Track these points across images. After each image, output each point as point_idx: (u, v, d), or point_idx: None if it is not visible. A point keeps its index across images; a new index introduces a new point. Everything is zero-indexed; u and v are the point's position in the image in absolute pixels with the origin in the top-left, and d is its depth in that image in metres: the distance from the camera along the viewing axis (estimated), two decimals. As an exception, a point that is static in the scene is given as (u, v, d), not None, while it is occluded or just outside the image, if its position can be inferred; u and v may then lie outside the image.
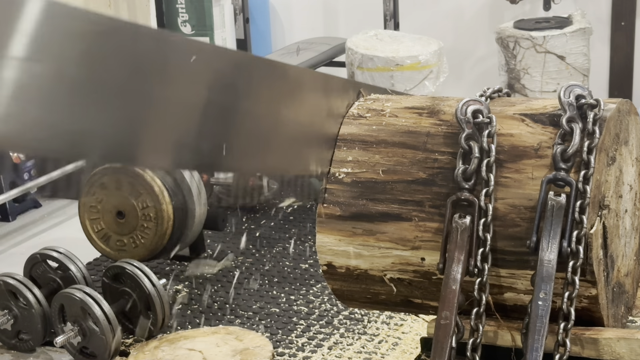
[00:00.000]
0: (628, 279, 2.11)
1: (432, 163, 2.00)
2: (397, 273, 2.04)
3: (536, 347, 1.85)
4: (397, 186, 2.01)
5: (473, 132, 1.95)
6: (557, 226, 1.87)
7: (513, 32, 4.39)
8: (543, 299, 1.86)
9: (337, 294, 2.16)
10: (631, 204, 2.08)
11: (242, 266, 3.64)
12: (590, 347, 1.91)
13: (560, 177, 1.88)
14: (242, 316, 3.26)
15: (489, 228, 1.92)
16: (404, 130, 2.05)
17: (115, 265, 3.09)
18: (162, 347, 2.92)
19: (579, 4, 4.83)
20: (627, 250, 2.08)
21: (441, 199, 1.97)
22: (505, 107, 2.02)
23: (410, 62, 4.08)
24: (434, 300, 2.02)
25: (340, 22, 5.36)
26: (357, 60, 4.14)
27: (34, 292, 3.03)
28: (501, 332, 1.97)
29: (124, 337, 3.08)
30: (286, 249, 3.77)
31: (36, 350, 3.10)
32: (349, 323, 3.16)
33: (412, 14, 5.04)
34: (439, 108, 2.06)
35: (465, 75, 5.17)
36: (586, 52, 4.39)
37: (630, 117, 2.05)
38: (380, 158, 2.04)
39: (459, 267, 1.92)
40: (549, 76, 4.35)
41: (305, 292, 3.40)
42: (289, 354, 3.01)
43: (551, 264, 1.86)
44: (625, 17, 4.83)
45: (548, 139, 1.93)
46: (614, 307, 2.02)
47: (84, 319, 2.91)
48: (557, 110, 1.96)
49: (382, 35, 4.35)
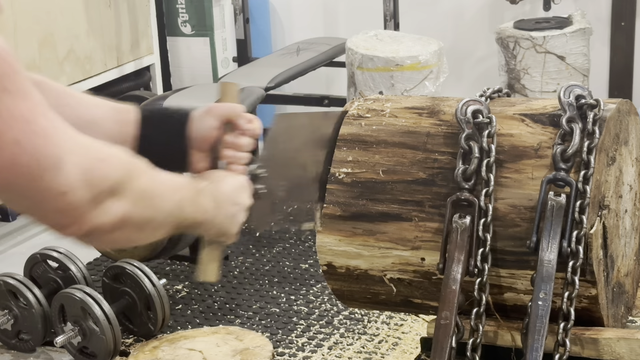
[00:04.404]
0: (628, 279, 2.11)
1: (432, 163, 2.00)
2: (397, 273, 2.04)
3: (536, 347, 1.85)
4: (397, 186, 2.01)
5: (473, 132, 1.95)
6: (557, 226, 1.87)
7: (513, 32, 4.39)
8: (543, 299, 1.86)
9: (337, 294, 2.16)
10: (631, 204, 2.08)
11: (242, 266, 3.65)
12: (590, 347, 1.91)
13: (560, 177, 1.88)
14: (242, 316, 3.26)
15: (489, 228, 1.92)
16: (404, 131, 2.05)
17: (115, 265, 3.09)
18: (162, 347, 2.92)
19: (579, 4, 4.83)
20: (627, 250, 2.08)
21: (441, 199, 1.97)
22: (505, 107, 2.02)
23: (410, 62, 4.08)
24: (434, 300, 2.02)
25: (340, 22, 5.36)
26: (357, 60, 4.14)
27: (34, 292, 3.03)
28: (501, 332, 1.97)
29: (124, 337, 3.08)
30: (286, 249, 3.77)
31: (36, 350, 3.10)
32: (349, 323, 3.16)
33: (412, 14, 5.04)
34: (439, 108, 2.06)
35: (465, 75, 5.17)
36: (586, 52, 4.39)
37: (630, 117, 2.05)
38: (380, 158, 2.04)
39: (459, 267, 1.92)
40: (549, 76, 4.35)
41: (305, 292, 3.40)
42: (289, 354, 3.01)
43: (551, 264, 1.86)
44: (625, 17, 4.82)
45: (548, 139, 1.93)
46: (614, 307, 2.02)
47: (84, 319, 2.91)
48: (557, 110, 1.96)
49: (382, 36, 4.35)
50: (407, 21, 4.86)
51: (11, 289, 3.05)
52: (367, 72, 4.12)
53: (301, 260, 3.66)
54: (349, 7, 5.32)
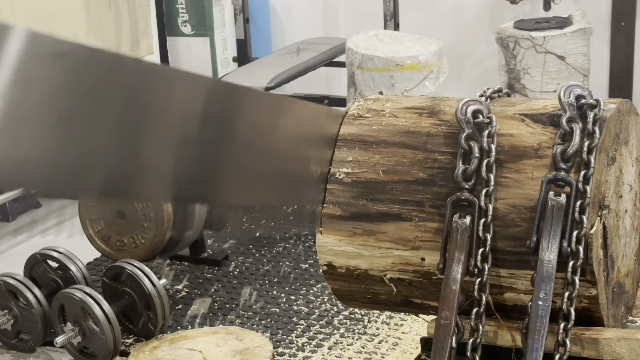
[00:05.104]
0: (628, 279, 2.11)
1: (432, 163, 2.00)
2: (397, 273, 2.04)
3: (536, 347, 1.85)
4: (397, 186, 2.01)
5: (473, 132, 1.95)
6: (557, 226, 1.87)
7: (513, 32, 4.39)
8: (543, 299, 1.86)
9: (337, 294, 2.16)
10: (631, 204, 2.08)
11: (242, 266, 3.65)
12: (590, 347, 1.91)
13: (560, 177, 1.88)
14: (242, 316, 3.26)
15: (489, 228, 1.92)
16: (404, 131, 2.05)
17: (115, 265, 3.09)
18: (162, 347, 2.92)
19: (579, 4, 4.83)
20: (627, 250, 2.08)
21: (441, 199, 1.97)
22: (505, 107, 2.02)
23: (410, 62, 4.08)
24: (434, 300, 2.02)
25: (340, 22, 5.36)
26: (357, 60, 4.14)
27: (34, 292, 3.03)
28: (501, 332, 1.97)
29: (124, 337, 3.08)
30: (286, 249, 3.77)
31: (36, 350, 3.10)
32: (349, 323, 3.16)
33: (412, 14, 5.04)
34: (439, 108, 2.06)
35: (465, 75, 5.17)
36: (586, 52, 4.39)
37: (630, 117, 2.05)
38: (380, 158, 2.04)
39: (459, 267, 1.92)
40: (549, 76, 4.35)
41: (305, 292, 3.40)
42: (289, 354, 3.01)
43: (551, 264, 1.86)
44: (625, 17, 4.83)
45: (548, 139, 1.93)
46: (614, 307, 2.02)
47: (84, 319, 2.91)
48: (557, 110, 1.96)
49: (382, 36, 4.35)
50: (407, 21, 4.86)
51: (11, 289, 3.05)
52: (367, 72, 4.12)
53: (301, 260, 3.67)
54: (349, 7, 5.32)
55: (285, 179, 2.02)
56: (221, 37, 5.17)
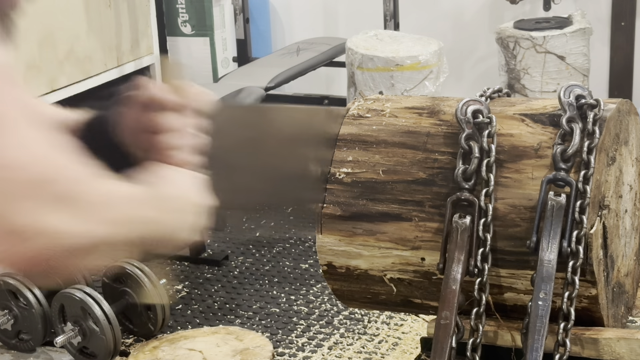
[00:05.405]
0: (628, 279, 2.11)
1: (432, 163, 2.00)
2: (397, 273, 2.04)
3: (536, 347, 1.85)
4: (397, 186, 2.01)
5: (473, 132, 1.95)
6: (557, 226, 1.87)
7: (513, 32, 4.39)
8: (543, 299, 1.86)
9: (337, 294, 2.16)
10: (631, 204, 2.08)
11: (242, 266, 3.64)
12: (590, 347, 1.91)
13: (560, 177, 1.88)
14: (242, 316, 3.26)
15: (489, 228, 1.92)
16: (404, 130, 2.05)
17: (115, 265, 3.09)
18: (162, 347, 2.92)
19: (579, 4, 4.83)
20: (627, 250, 2.08)
21: (441, 199, 1.97)
22: (505, 107, 2.02)
23: (410, 62, 4.08)
24: (434, 300, 2.02)
25: (340, 22, 5.36)
26: (357, 60, 4.14)
27: (34, 292, 3.03)
28: (501, 332, 1.97)
29: (124, 337, 3.08)
30: (286, 249, 3.77)
31: (36, 350, 3.10)
32: (349, 323, 3.16)
33: (412, 14, 5.04)
34: (439, 108, 2.06)
35: (465, 75, 5.17)
36: (586, 52, 4.39)
37: (630, 117, 2.05)
38: (380, 158, 2.04)
39: (459, 267, 1.92)
40: (549, 76, 4.35)
41: (305, 292, 3.40)
42: (289, 354, 3.01)
43: (551, 264, 1.86)
44: (625, 17, 4.83)
45: (548, 139, 1.93)
46: (614, 307, 2.02)
47: (84, 319, 2.91)
48: (557, 110, 1.96)
49: (382, 36, 4.35)
50: (407, 21, 4.86)
51: (11, 289, 3.04)
52: (367, 72, 4.12)
53: (301, 260, 3.66)
54: (349, 7, 5.32)
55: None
56: (221, 37, 5.17)
